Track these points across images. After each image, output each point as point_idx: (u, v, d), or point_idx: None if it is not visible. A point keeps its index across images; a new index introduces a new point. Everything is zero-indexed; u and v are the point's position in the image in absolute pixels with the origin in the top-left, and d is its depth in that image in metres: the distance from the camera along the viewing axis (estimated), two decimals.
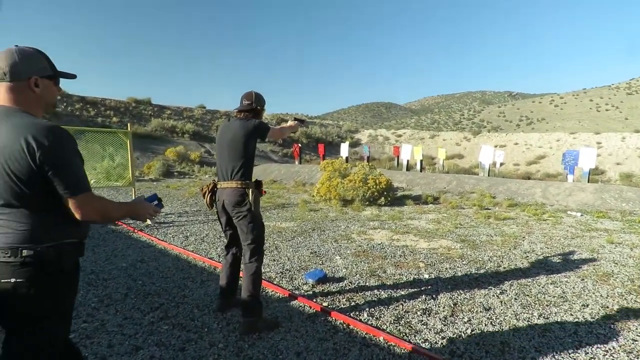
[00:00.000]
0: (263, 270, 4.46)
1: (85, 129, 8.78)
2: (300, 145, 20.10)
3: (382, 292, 3.88)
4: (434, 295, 3.80)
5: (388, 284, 4.13)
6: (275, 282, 4.12)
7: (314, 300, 3.65)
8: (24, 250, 1.44)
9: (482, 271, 4.57)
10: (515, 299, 3.75)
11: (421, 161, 16.23)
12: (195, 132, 22.95)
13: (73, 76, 1.70)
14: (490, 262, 4.94)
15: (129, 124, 8.35)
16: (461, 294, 3.87)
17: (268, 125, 3.17)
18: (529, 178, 17.68)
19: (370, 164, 11.04)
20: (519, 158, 24.59)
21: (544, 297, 3.79)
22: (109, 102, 22.87)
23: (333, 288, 3.98)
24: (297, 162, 19.08)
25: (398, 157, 19.63)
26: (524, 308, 3.54)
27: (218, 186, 3.14)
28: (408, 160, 16.62)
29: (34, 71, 1.54)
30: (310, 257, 5.08)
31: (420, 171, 15.60)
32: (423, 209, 8.79)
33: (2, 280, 1.44)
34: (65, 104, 20.74)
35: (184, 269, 4.57)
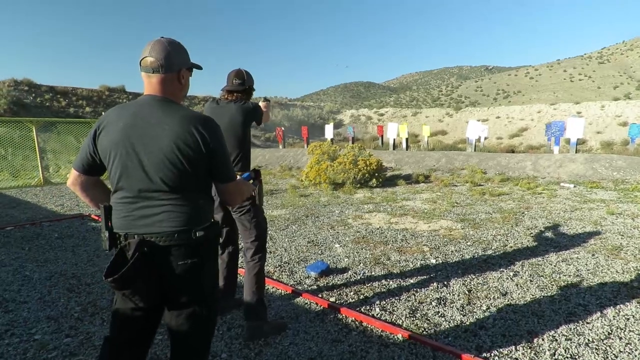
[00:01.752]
0: None
1: (57, 120, 8.23)
2: (283, 128, 19.64)
3: (391, 282, 3.64)
4: (445, 282, 3.59)
5: (395, 272, 3.89)
6: (274, 277, 3.83)
7: (320, 295, 3.39)
8: (197, 232, 1.53)
9: (489, 252, 4.39)
10: (531, 280, 3.57)
11: (407, 139, 16.04)
12: None
13: (200, 67, 1.74)
14: (496, 241, 4.76)
15: (103, 113, 7.88)
16: (473, 278, 3.66)
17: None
18: (512, 151, 17.72)
19: (359, 145, 10.76)
20: (502, 131, 24.71)
21: (560, 277, 3.62)
22: (80, 92, 21.81)
23: (338, 280, 3.72)
24: (281, 146, 18.67)
25: (382, 136, 19.40)
26: (542, 290, 3.36)
27: None
28: (394, 139, 16.40)
29: (182, 63, 1.60)
30: (308, 246, 4.81)
31: (407, 150, 15.43)
32: (416, 189, 8.60)
33: (179, 262, 1.51)
34: (33, 94, 19.66)
35: None
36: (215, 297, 1.73)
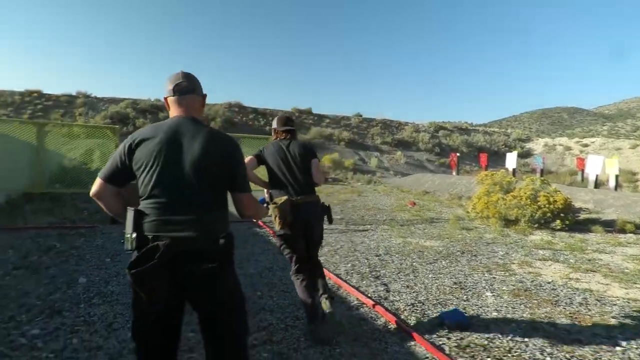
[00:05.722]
0: (392, 298, 3.85)
1: (243, 136, 9.59)
2: (458, 154, 18.48)
3: (547, 359, 2.79)
4: None
5: (558, 346, 2.99)
6: (402, 317, 3.41)
7: (447, 353, 2.82)
8: (220, 239, 1.69)
9: None
10: None
11: (617, 177, 12.98)
12: (350, 140, 23.35)
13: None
14: None
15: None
16: None
17: None
18: None
19: (543, 178, 9.17)
20: None
21: None
22: (276, 113, 25.05)
23: (475, 339, 3.05)
24: (454, 173, 17.56)
25: (583, 170, 16.24)
26: None
27: (298, 201, 3.00)
28: (597, 175, 13.50)
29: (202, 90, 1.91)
30: (452, 288, 4.18)
31: (615, 189, 12.47)
32: (618, 240, 6.75)
33: (202, 267, 1.63)
34: (241, 114, 23.57)
35: None
36: (242, 299, 1.85)
